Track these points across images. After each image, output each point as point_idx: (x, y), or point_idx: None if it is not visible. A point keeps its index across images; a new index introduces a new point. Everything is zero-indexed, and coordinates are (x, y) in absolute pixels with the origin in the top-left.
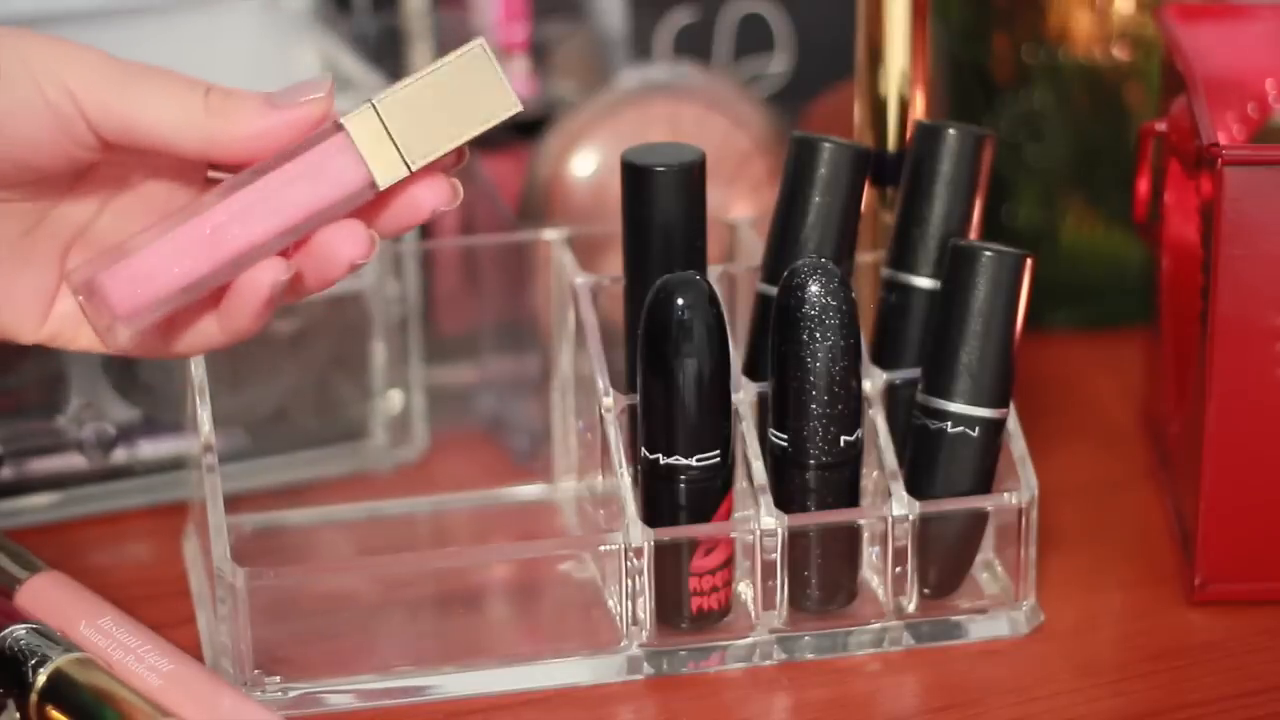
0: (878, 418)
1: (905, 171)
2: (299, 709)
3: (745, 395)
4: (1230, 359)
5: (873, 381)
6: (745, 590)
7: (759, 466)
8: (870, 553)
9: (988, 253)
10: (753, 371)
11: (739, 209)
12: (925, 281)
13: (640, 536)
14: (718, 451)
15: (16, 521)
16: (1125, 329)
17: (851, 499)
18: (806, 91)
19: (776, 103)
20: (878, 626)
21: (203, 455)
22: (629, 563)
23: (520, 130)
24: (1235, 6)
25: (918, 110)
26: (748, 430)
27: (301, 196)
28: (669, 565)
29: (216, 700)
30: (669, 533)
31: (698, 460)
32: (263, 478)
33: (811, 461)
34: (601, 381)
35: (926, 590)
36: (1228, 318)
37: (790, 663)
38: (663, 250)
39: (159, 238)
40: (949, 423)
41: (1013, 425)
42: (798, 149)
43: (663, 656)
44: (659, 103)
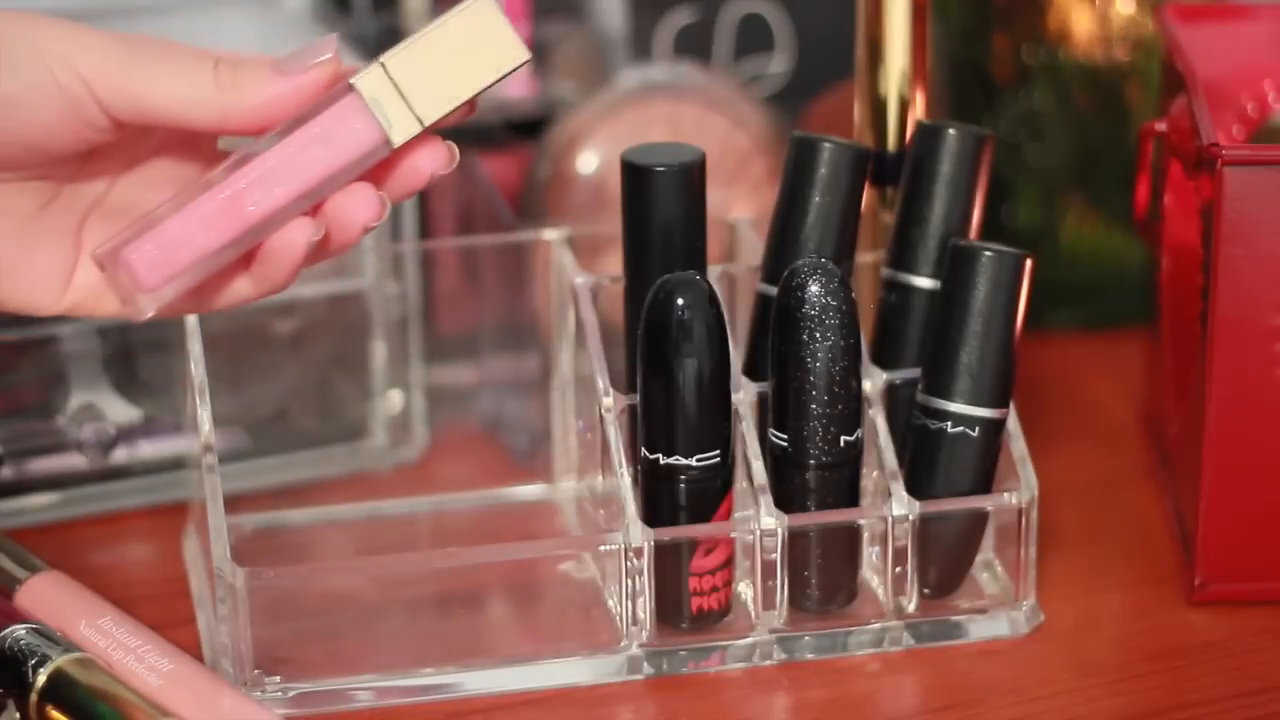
0: (878, 418)
1: (905, 171)
2: (299, 709)
3: (745, 395)
4: (1230, 359)
5: (873, 381)
6: (745, 590)
7: (759, 466)
8: (870, 553)
9: (988, 253)
10: (753, 371)
11: (739, 209)
12: (925, 281)
13: (640, 536)
14: (718, 451)
15: (16, 521)
16: (1125, 329)
17: (851, 499)
18: (806, 91)
19: (776, 103)
20: (878, 626)
21: (203, 455)
22: (629, 563)
23: (520, 130)
24: (1235, 6)
25: (918, 110)
26: (748, 430)
27: (318, 160)
28: (669, 565)
29: (216, 700)
30: (669, 533)
31: (698, 460)
32: (263, 478)
33: (811, 461)
34: (601, 381)
35: (926, 590)
36: (1228, 318)
37: (790, 663)
38: (663, 250)
39: (180, 209)
40: (949, 423)
41: (1013, 425)
42: (798, 149)
43: (663, 656)
44: (659, 103)
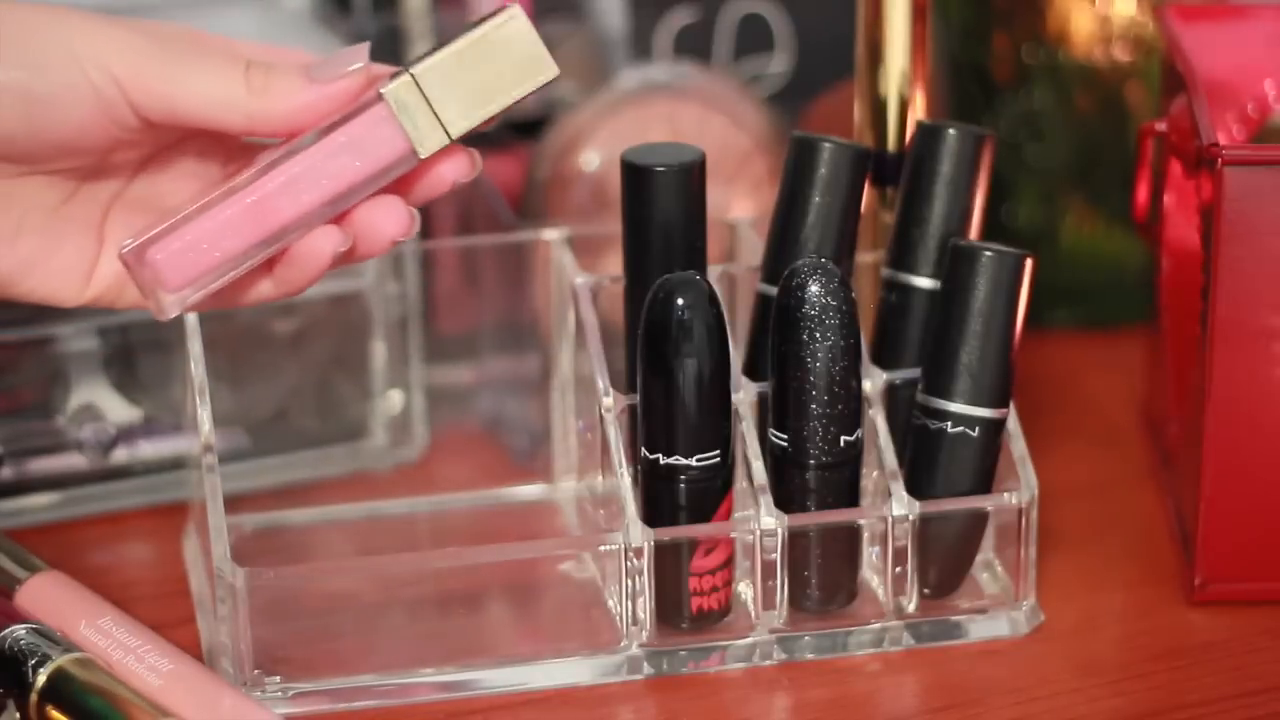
0: (878, 418)
1: (905, 171)
2: (299, 709)
3: (745, 395)
4: (1230, 359)
5: (873, 381)
6: (745, 590)
7: (759, 466)
8: (870, 553)
9: (988, 253)
10: (753, 371)
11: (739, 209)
12: (925, 281)
13: (640, 536)
14: (718, 451)
15: (16, 521)
16: (1125, 329)
17: (851, 499)
18: (806, 91)
19: (776, 103)
20: (878, 626)
21: (203, 455)
22: (629, 563)
23: (520, 130)
24: (1235, 6)
25: (918, 110)
26: (748, 430)
27: (345, 168)
28: (669, 565)
29: (216, 700)
30: (669, 533)
31: (698, 460)
32: (263, 478)
33: (811, 461)
34: (601, 381)
35: (926, 590)
36: (1228, 318)
37: (790, 663)
38: (663, 250)
39: (206, 211)
40: (949, 423)
41: (1013, 425)
42: (798, 149)
43: (663, 656)
44: (659, 103)
